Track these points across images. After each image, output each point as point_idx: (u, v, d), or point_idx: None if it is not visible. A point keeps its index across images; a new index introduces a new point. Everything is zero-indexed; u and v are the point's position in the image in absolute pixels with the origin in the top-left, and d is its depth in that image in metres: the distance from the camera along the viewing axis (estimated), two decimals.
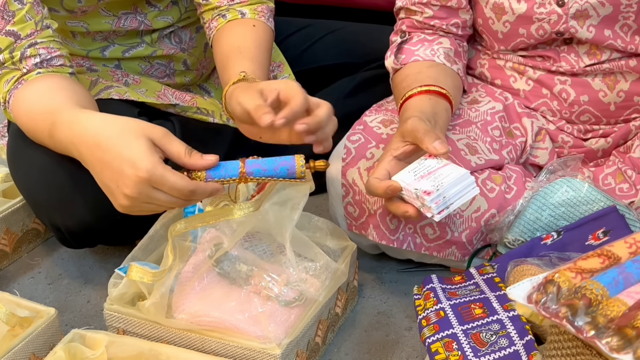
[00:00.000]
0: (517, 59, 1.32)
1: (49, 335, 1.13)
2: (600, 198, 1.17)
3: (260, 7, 1.33)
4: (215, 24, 1.32)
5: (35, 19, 1.19)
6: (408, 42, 1.33)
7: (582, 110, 1.30)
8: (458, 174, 1.07)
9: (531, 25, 1.26)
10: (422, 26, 1.33)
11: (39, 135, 1.16)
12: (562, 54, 1.28)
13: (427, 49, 1.30)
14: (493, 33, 1.31)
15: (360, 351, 1.20)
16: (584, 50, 1.26)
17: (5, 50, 1.17)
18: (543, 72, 1.30)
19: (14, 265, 1.46)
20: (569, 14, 1.23)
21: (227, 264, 1.14)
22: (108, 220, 1.24)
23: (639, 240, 0.83)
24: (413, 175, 1.09)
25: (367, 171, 1.22)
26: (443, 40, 1.32)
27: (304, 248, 1.16)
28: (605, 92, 1.27)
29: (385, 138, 1.25)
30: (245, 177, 1.02)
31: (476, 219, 1.22)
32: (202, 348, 1.09)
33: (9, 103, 1.19)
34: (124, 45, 1.45)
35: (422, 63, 1.29)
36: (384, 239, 1.24)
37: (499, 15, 1.27)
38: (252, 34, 1.28)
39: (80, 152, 1.05)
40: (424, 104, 1.20)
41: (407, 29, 1.35)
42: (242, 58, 1.22)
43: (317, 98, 1.07)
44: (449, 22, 1.32)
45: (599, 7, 1.21)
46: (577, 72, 1.27)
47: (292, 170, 1.03)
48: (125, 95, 1.37)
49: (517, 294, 0.81)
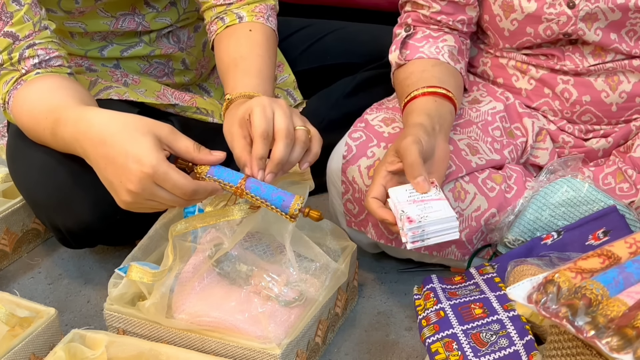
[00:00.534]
0: (520, 57, 1.32)
1: (49, 335, 1.13)
2: (601, 198, 1.17)
3: (258, 7, 1.32)
4: (215, 27, 1.32)
5: (33, 20, 1.19)
6: (413, 37, 1.32)
7: (584, 111, 1.29)
8: (445, 214, 1.05)
9: (539, 25, 1.25)
10: (428, 21, 1.32)
11: (41, 133, 1.16)
12: (566, 53, 1.27)
13: (431, 46, 1.29)
14: (499, 30, 1.30)
15: (360, 351, 1.20)
16: (588, 50, 1.26)
17: (3, 52, 1.18)
18: (546, 71, 1.30)
19: (14, 265, 1.46)
20: (578, 16, 1.22)
21: (227, 264, 1.14)
22: (108, 221, 1.24)
23: (639, 240, 0.83)
24: (407, 196, 1.08)
25: (368, 169, 1.22)
26: (447, 37, 1.31)
27: (304, 248, 1.16)
28: (608, 92, 1.27)
29: (387, 137, 1.24)
30: (242, 189, 1.04)
31: (476, 218, 1.22)
32: (202, 348, 1.09)
33: (9, 104, 1.20)
34: (122, 44, 1.45)
35: (426, 61, 1.28)
36: (382, 237, 1.24)
37: (508, 13, 1.27)
38: (248, 41, 1.27)
39: (84, 149, 1.05)
40: (430, 106, 1.19)
41: (413, 23, 1.33)
42: (236, 72, 1.22)
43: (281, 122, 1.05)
44: (456, 18, 1.31)
45: (608, 12, 1.21)
46: (581, 72, 1.27)
47: (286, 204, 1.04)
48: (125, 96, 1.37)
49: (517, 294, 0.81)
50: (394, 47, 1.33)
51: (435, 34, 1.31)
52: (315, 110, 1.58)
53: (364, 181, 1.22)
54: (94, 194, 1.22)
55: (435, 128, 1.15)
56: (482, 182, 1.23)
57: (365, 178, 1.22)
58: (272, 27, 1.33)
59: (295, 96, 1.61)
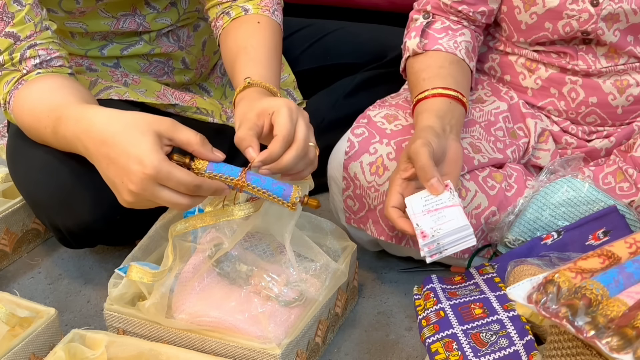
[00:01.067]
0: (531, 55, 1.31)
1: (49, 335, 1.13)
2: (601, 198, 1.17)
3: (264, 1, 1.33)
4: (221, 22, 1.32)
5: (34, 21, 1.19)
6: (431, 27, 1.30)
7: (589, 112, 1.29)
8: (458, 224, 1.06)
9: (559, 20, 1.24)
10: (448, 10, 1.30)
11: (42, 132, 1.16)
12: (580, 52, 1.27)
13: (450, 39, 1.28)
14: (516, 23, 1.29)
15: (360, 351, 1.20)
16: (602, 52, 1.25)
17: (5, 52, 1.18)
18: (555, 70, 1.29)
19: (14, 265, 1.46)
20: (600, 15, 1.21)
21: (227, 264, 1.14)
22: (108, 221, 1.24)
23: (639, 240, 0.83)
24: (423, 204, 1.08)
25: (370, 166, 1.22)
26: (465, 32, 1.30)
27: (304, 248, 1.16)
28: (615, 95, 1.27)
29: (389, 134, 1.24)
30: (243, 181, 1.03)
31: (476, 216, 1.22)
32: (202, 348, 1.09)
33: (10, 104, 1.20)
34: (122, 43, 1.45)
35: (444, 55, 1.27)
36: (382, 234, 1.24)
37: (528, 6, 1.25)
38: (257, 32, 1.27)
39: (86, 147, 1.05)
40: (441, 107, 1.19)
41: (432, 10, 1.31)
42: (248, 60, 1.22)
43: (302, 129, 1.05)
44: (477, 9, 1.30)
45: (630, 14, 1.20)
46: (592, 73, 1.26)
47: (287, 193, 1.04)
48: (125, 96, 1.37)
49: (517, 294, 0.81)
50: (414, 33, 1.30)
51: (455, 27, 1.30)
52: (315, 110, 1.57)
53: (366, 177, 1.22)
54: (94, 195, 1.22)
55: (445, 129, 1.15)
56: (483, 180, 1.23)
57: (367, 174, 1.22)
58: (278, 21, 1.33)
59: (295, 96, 1.61)
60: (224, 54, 1.30)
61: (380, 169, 1.22)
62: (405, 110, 1.29)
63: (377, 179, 1.22)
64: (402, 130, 1.24)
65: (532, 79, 1.32)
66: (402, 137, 1.23)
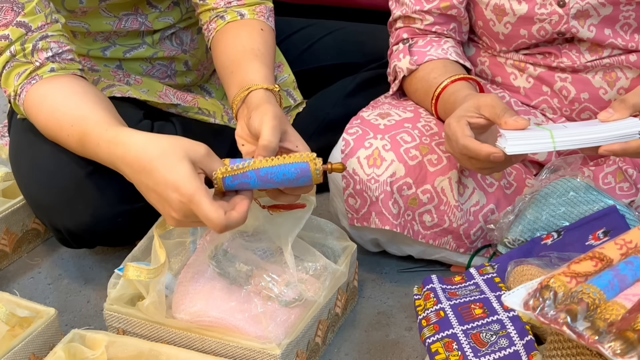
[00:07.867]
0: (517, 57, 1.33)
1: (49, 335, 1.13)
2: (601, 198, 1.17)
3: (258, 7, 1.33)
4: (214, 25, 1.32)
5: (44, 12, 1.19)
6: (415, 45, 1.33)
7: (583, 108, 1.30)
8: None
9: (532, 25, 1.26)
10: (424, 33, 1.33)
11: (63, 138, 1.15)
12: (563, 50, 1.28)
13: (437, 48, 1.30)
14: (494, 35, 1.31)
15: (360, 351, 1.20)
16: (585, 47, 1.27)
17: (16, 42, 1.16)
18: (543, 69, 1.31)
19: (14, 265, 1.46)
20: (570, 14, 1.23)
21: (227, 264, 1.14)
22: (108, 223, 1.24)
23: (628, 241, 0.83)
24: None
25: (367, 159, 1.23)
26: (448, 39, 1.33)
27: (303, 252, 1.16)
28: (606, 89, 1.27)
29: (383, 129, 1.25)
30: (260, 159, 1.03)
31: (474, 213, 1.23)
32: (202, 348, 1.09)
33: (20, 97, 1.18)
34: (125, 46, 1.45)
35: (439, 61, 1.29)
36: (387, 223, 1.24)
37: (500, 17, 1.28)
38: (262, 38, 1.28)
39: (124, 172, 1.06)
40: (469, 86, 1.22)
41: (409, 36, 1.34)
42: (258, 62, 1.22)
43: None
44: (449, 27, 1.33)
45: (599, 7, 1.22)
46: (578, 68, 1.27)
47: (305, 172, 1.03)
48: (128, 94, 1.37)
49: (512, 301, 0.81)
50: (402, 54, 1.32)
51: (436, 39, 1.33)
52: (315, 110, 1.58)
53: (365, 171, 1.22)
54: (95, 197, 1.22)
55: None
56: (482, 177, 1.23)
57: (365, 167, 1.23)
58: (273, 27, 1.33)
59: (295, 96, 1.61)
60: (219, 53, 1.29)
61: (378, 160, 1.22)
62: (397, 107, 1.30)
63: (375, 170, 1.22)
64: (395, 124, 1.25)
65: (524, 78, 1.33)
66: (395, 131, 1.25)
